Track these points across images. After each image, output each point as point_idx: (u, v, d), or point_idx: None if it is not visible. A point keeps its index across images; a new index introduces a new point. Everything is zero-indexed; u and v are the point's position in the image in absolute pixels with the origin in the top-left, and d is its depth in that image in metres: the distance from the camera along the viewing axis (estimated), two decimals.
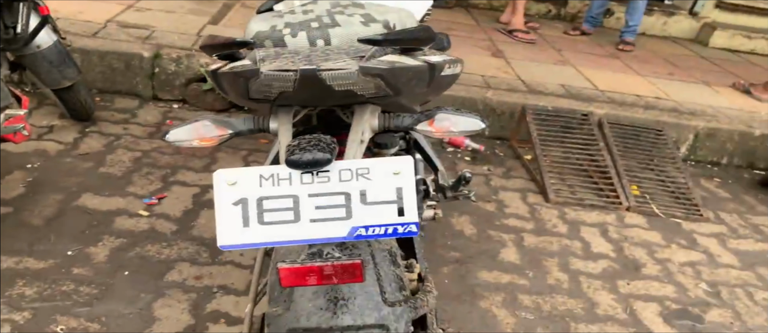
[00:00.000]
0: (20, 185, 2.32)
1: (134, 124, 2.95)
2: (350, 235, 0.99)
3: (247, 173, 1.00)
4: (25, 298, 1.81)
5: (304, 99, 1.13)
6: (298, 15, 1.29)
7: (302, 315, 1.05)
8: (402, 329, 1.07)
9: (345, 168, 1.00)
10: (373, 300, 1.07)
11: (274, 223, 0.99)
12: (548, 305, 2.17)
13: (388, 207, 0.99)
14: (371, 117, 1.18)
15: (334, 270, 1.00)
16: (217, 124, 1.17)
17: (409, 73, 1.10)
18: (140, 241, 2.13)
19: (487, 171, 3.13)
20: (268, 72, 1.05)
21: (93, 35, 3.20)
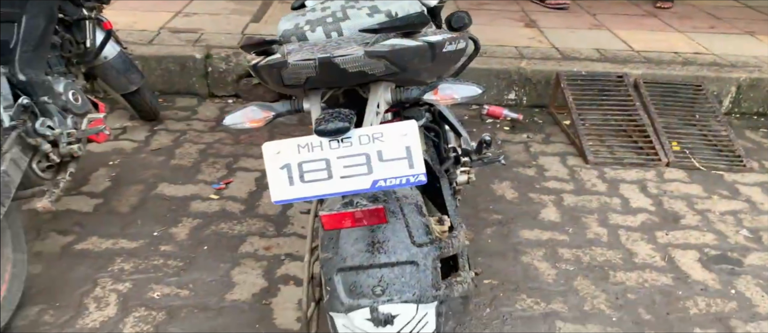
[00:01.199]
0: (106, 179, 2.67)
1: (196, 120, 3.27)
2: (372, 186, 1.22)
3: (287, 144, 1.24)
4: (124, 272, 2.13)
5: (327, 82, 1.36)
6: (317, 12, 1.51)
7: (347, 257, 1.29)
8: (429, 265, 1.29)
9: (363, 134, 1.24)
10: (404, 242, 1.29)
11: (312, 181, 1.23)
12: (587, 257, 2.32)
13: (400, 162, 1.22)
14: (384, 92, 1.40)
15: (363, 214, 1.25)
16: (262, 108, 1.43)
17: (409, 52, 1.31)
18: (214, 220, 2.44)
19: (527, 138, 3.28)
20: (294, 62, 1.29)
21: (149, 43, 3.53)
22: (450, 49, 1.42)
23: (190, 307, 1.98)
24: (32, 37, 2.06)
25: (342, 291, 1.28)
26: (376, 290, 1.27)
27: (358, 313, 1.27)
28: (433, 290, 1.29)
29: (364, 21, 1.45)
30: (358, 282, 1.28)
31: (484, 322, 1.97)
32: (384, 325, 1.26)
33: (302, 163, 1.23)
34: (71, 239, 2.28)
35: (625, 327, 1.98)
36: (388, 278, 1.27)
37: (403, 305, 1.26)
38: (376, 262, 1.28)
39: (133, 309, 1.96)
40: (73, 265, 2.15)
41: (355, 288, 1.28)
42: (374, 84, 1.39)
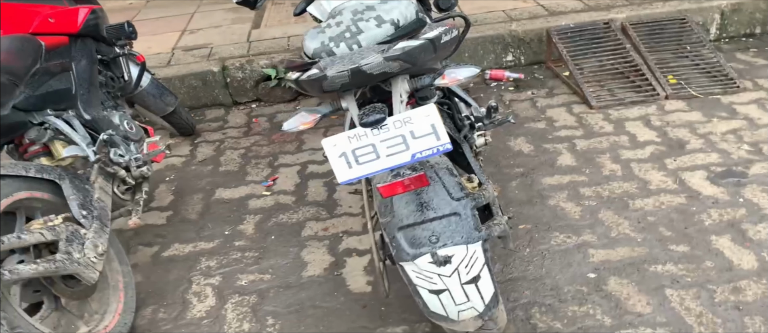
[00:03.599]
0: (169, 194, 2.99)
1: (229, 128, 3.57)
2: (412, 159, 1.54)
3: (340, 137, 1.56)
4: (211, 268, 2.44)
5: (357, 84, 1.67)
6: (334, 28, 1.79)
7: (403, 217, 1.61)
8: (469, 213, 1.61)
9: (396, 120, 1.56)
10: (445, 199, 1.62)
11: (365, 162, 1.54)
12: (607, 192, 2.60)
13: (429, 137, 1.54)
14: (402, 83, 1.72)
15: (410, 181, 1.57)
16: (310, 112, 1.75)
17: (417, 50, 1.61)
18: (273, 213, 2.74)
19: (532, 95, 3.55)
20: (332, 74, 1.59)
21: (168, 64, 3.80)
22: (446, 39, 1.71)
23: (276, 287, 2.29)
24: (84, 80, 2.34)
25: (405, 244, 1.59)
26: (431, 239, 1.58)
27: (422, 259, 1.58)
28: (476, 232, 1.60)
29: (375, 31, 1.75)
30: (416, 235, 1.59)
31: (527, 260, 2.26)
32: (444, 265, 1.57)
33: (355, 150, 1.55)
34: (157, 249, 2.60)
35: (649, 245, 2.26)
36: (438, 229, 1.59)
37: (455, 247, 1.57)
38: (427, 218, 1.60)
39: (228, 297, 2.28)
40: (166, 270, 2.46)
41: (414, 240, 1.59)
42: (393, 79, 1.71)
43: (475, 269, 1.59)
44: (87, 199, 2.00)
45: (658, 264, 2.17)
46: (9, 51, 2.01)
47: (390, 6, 1.80)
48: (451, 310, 1.62)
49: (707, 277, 2.09)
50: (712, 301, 1.98)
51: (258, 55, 3.84)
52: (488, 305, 1.63)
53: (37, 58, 2.12)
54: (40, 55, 2.14)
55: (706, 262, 2.15)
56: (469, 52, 3.82)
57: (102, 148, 2.18)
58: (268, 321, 2.15)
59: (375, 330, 2.04)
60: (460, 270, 1.58)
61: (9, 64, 1.96)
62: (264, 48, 3.97)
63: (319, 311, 2.16)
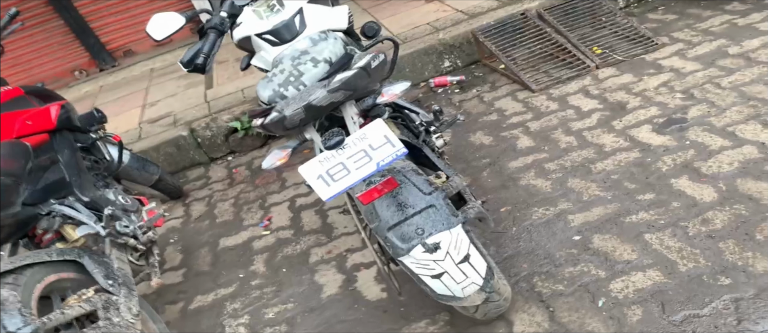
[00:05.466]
0: (177, 253, 2.98)
1: (213, 183, 3.57)
2: (378, 167, 1.68)
3: (313, 162, 1.71)
4: (237, 310, 2.47)
5: (313, 116, 1.82)
6: (279, 76, 1.91)
7: (388, 218, 1.74)
8: (442, 203, 1.75)
9: (353, 139, 1.72)
10: (418, 196, 1.76)
11: (340, 178, 1.69)
12: (569, 162, 2.72)
13: (385, 146, 1.71)
14: (351, 107, 1.89)
15: (382, 185, 1.76)
16: (282, 148, 1.89)
17: (352, 78, 1.77)
18: (277, 249, 2.77)
19: (477, 92, 3.68)
20: (290, 113, 1.74)
21: (139, 138, 3.76)
22: (376, 63, 1.85)
23: (301, 313, 2.33)
24: (73, 167, 2.34)
25: (397, 241, 1.71)
26: (418, 232, 1.70)
27: (415, 250, 1.69)
28: (453, 217, 1.73)
29: (313, 71, 1.90)
30: (404, 232, 1.72)
31: (516, 237, 2.36)
32: (435, 251, 1.69)
33: (328, 170, 1.70)
34: (182, 304, 2.60)
35: (619, 200, 2.38)
36: (420, 222, 1.72)
37: (439, 234, 1.70)
38: (408, 214, 1.73)
39: (261, 332, 2.30)
40: (197, 321, 2.47)
41: (404, 236, 1.71)
42: (343, 106, 1.88)
43: (463, 249, 1.71)
44: (109, 270, 2.03)
45: (631, 215, 2.29)
46: (5, 156, 2.02)
47: (320, 47, 1.94)
48: (455, 289, 1.72)
49: (677, 216, 2.22)
50: (687, 236, 2.11)
51: (219, 112, 3.85)
52: (486, 278, 1.74)
53: (28, 157, 2.13)
54: (30, 154, 2.14)
55: (672, 203, 2.29)
56: (409, 67, 3.92)
57: (109, 222, 2.18)
58: None
59: (401, 330, 2.09)
60: (450, 252, 1.69)
61: (8, 167, 1.99)
62: (223, 104, 3.98)
63: (345, 325, 2.21)
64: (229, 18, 2.07)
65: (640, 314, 1.88)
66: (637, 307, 1.91)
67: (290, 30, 2.01)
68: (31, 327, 1.65)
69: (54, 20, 5.21)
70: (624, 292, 1.98)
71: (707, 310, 1.83)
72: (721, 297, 1.85)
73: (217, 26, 2.03)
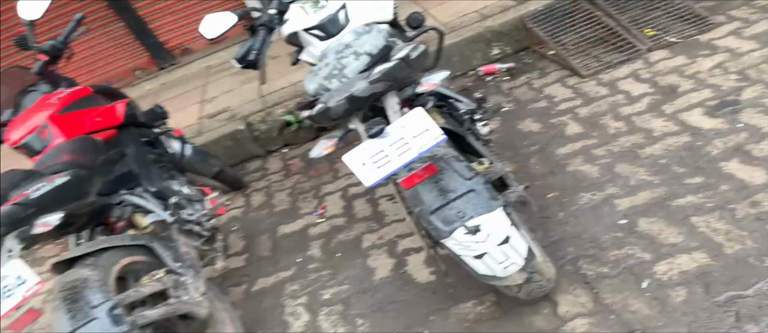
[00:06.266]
0: (239, 240, 3.24)
1: (270, 175, 3.82)
2: (418, 154, 1.79)
3: (357, 151, 1.83)
4: (296, 291, 2.71)
5: (355, 107, 1.95)
6: (324, 70, 2.06)
7: (430, 203, 1.86)
8: (482, 188, 1.86)
9: (394, 127, 1.82)
10: (458, 181, 1.87)
11: (382, 165, 1.81)
12: (617, 147, 2.76)
13: (425, 133, 1.81)
14: (392, 98, 2.00)
15: (423, 171, 1.86)
16: (329, 138, 2.04)
17: (393, 70, 1.91)
18: (332, 235, 2.98)
19: (526, 79, 3.73)
20: (333, 105, 1.89)
21: (199, 133, 4.04)
22: (416, 54, 1.97)
23: (355, 294, 2.53)
24: (140, 160, 2.60)
25: (440, 224, 1.83)
26: (459, 215, 1.82)
27: (456, 232, 1.81)
28: (494, 201, 1.84)
29: (355, 64, 2.04)
30: (446, 215, 1.84)
31: (562, 222, 2.46)
32: (476, 233, 1.80)
33: (371, 157, 1.82)
34: (246, 286, 2.85)
35: (667, 184, 2.43)
36: (461, 205, 1.83)
37: (480, 217, 1.81)
38: (450, 199, 1.85)
39: (318, 310, 2.53)
40: (259, 301, 2.72)
41: (446, 219, 1.83)
42: (384, 97, 1.99)
43: (503, 231, 1.82)
44: (177, 254, 2.26)
45: (679, 198, 2.34)
46: (79, 150, 2.28)
47: (363, 40, 2.07)
48: (497, 269, 1.85)
49: (725, 198, 2.25)
50: (735, 218, 2.15)
51: (273, 106, 4.08)
52: (527, 258, 1.86)
53: (100, 151, 2.38)
54: (101, 148, 2.41)
55: (721, 186, 2.32)
56: (457, 56, 3.98)
57: (175, 210, 2.43)
58: (358, 322, 2.39)
59: (449, 310, 2.25)
60: (491, 234, 1.81)
61: (82, 160, 2.23)
62: (276, 98, 4.20)
63: (397, 305, 2.38)
64: (278, 15, 2.23)
65: (684, 295, 1.96)
66: (681, 288, 1.99)
67: (335, 24, 2.17)
68: (111, 302, 1.89)
69: (115, 22, 5.57)
70: (668, 274, 2.05)
71: (752, 291, 1.89)
72: (766, 278, 1.90)
73: (266, 23, 2.20)
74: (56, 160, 2.17)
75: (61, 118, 2.41)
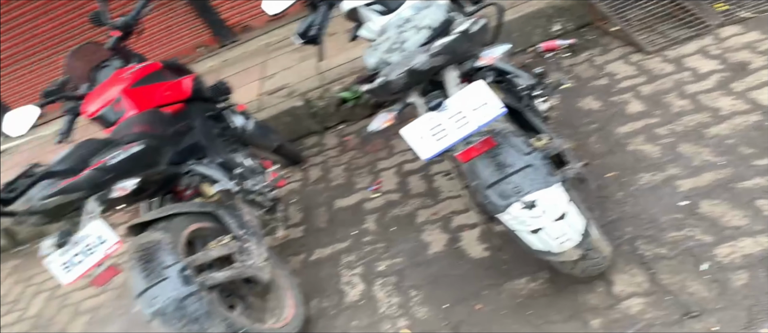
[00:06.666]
0: (298, 212, 3.40)
1: (327, 150, 3.95)
2: (477, 127, 1.81)
3: (414, 124, 1.87)
4: (352, 262, 2.83)
5: (415, 81, 1.98)
6: (384, 44, 2.09)
7: (487, 177, 1.89)
8: (540, 163, 1.87)
9: (453, 100, 1.84)
10: (516, 156, 1.89)
11: (440, 138, 1.84)
12: (680, 127, 2.70)
13: (484, 107, 1.83)
14: (451, 71, 2.02)
15: (480, 144, 1.88)
16: (388, 111, 2.08)
17: (452, 43, 1.91)
18: (386, 210, 3.07)
19: (588, 56, 3.67)
20: (393, 78, 1.91)
21: (260, 109, 4.20)
22: (476, 28, 1.98)
23: (409, 266, 2.62)
24: (206, 133, 2.75)
25: (496, 199, 1.87)
26: (515, 190, 1.84)
27: (513, 207, 1.84)
28: (551, 177, 1.85)
29: (415, 38, 2.07)
30: (502, 190, 1.86)
31: (621, 202, 2.45)
32: (532, 208, 1.82)
33: (428, 130, 1.85)
34: (304, 256, 3.00)
35: (733, 165, 2.37)
36: (518, 180, 1.85)
37: (536, 192, 1.83)
38: (506, 173, 1.87)
39: (373, 281, 2.64)
40: (317, 270, 2.86)
41: (502, 194, 1.86)
42: (444, 71, 2.01)
43: (560, 207, 1.84)
44: (241, 221, 2.41)
45: (745, 180, 2.28)
46: (151, 122, 2.44)
47: (422, 15, 2.10)
48: (552, 245, 1.88)
49: None
50: None
51: (331, 83, 4.18)
52: (583, 235, 1.88)
53: (168, 123, 2.54)
54: (170, 120, 2.56)
55: None
56: (517, 32, 3.95)
57: (239, 180, 2.58)
58: (412, 293, 2.48)
59: (502, 285, 2.30)
60: (547, 210, 1.83)
61: (153, 131, 2.39)
62: (334, 75, 4.29)
63: (450, 278, 2.45)
64: None
65: (745, 279, 1.94)
66: (743, 272, 1.96)
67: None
68: (181, 263, 2.05)
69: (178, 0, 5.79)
70: (730, 257, 2.03)
71: None
72: None
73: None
74: (130, 131, 2.34)
75: (134, 91, 2.58)
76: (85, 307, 3.46)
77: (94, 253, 2.00)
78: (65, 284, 2.02)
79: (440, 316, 2.32)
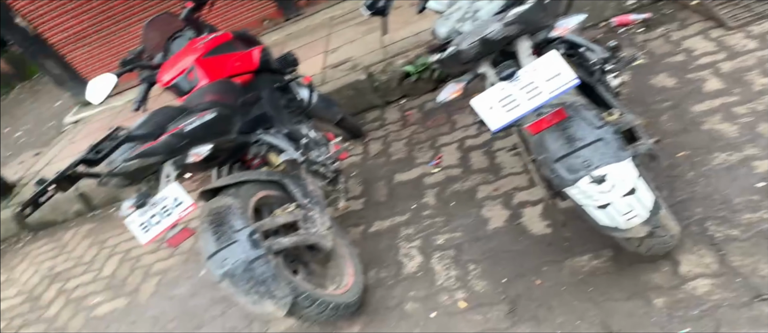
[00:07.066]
0: (358, 185, 3.49)
1: (388, 124, 4.02)
2: (549, 98, 1.80)
3: (485, 95, 1.87)
4: (410, 235, 2.89)
5: (487, 50, 1.97)
6: (456, 13, 2.10)
7: (555, 151, 1.88)
8: (611, 137, 1.84)
9: (526, 70, 1.84)
10: (587, 129, 1.86)
11: (510, 109, 1.85)
12: (762, 105, 2.60)
13: (557, 78, 1.81)
14: (524, 42, 2.00)
15: (551, 116, 1.85)
16: (457, 82, 2.07)
17: (527, 12, 1.90)
18: (446, 185, 3.11)
19: (664, 31, 3.56)
20: (465, 47, 1.91)
21: (323, 82, 4.29)
22: None
23: (468, 241, 2.66)
24: (273, 104, 2.86)
25: (564, 173, 1.86)
26: (585, 164, 1.82)
27: (581, 181, 1.83)
28: (622, 152, 1.83)
29: (489, 7, 2.07)
30: (571, 163, 1.85)
31: (692, 182, 2.39)
32: (601, 182, 1.81)
33: (499, 101, 1.86)
34: (363, 227, 3.09)
35: None
36: (588, 154, 1.83)
37: (607, 167, 1.81)
38: (576, 147, 1.85)
39: (431, 254, 2.69)
40: (376, 242, 2.94)
41: (571, 168, 1.84)
42: (516, 40, 2.00)
43: (629, 183, 1.82)
44: (305, 191, 2.51)
45: None
46: (222, 91, 2.56)
47: None
48: (619, 221, 1.86)
49: None
50: None
51: (394, 57, 4.22)
52: (652, 212, 1.85)
53: (239, 93, 2.65)
54: (240, 91, 2.68)
55: None
56: (589, 5, 3.86)
57: (304, 151, 2.68)
58: (470, 267, 2.52)
59: (563, 262, 2.31)
60: (616, 185, 1.81)
61: (224, 100, 2.51)
62: (397, 49, 4.34)
63: (510, 254, 2.48)
64: None
65: None
66: None
67: None
68: (250, 228, 2.16)
69: None
70: None
71: None
72: None
73: None
74: (202, 100, 2.47)
75: (206, 61, 2.72)
76: (156, 269, 3.68)
77: (171, 214, 2.13)
78: (143, 243, 2.17)
79: (499, 290, 2.35)
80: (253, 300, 2.09)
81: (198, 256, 3.55)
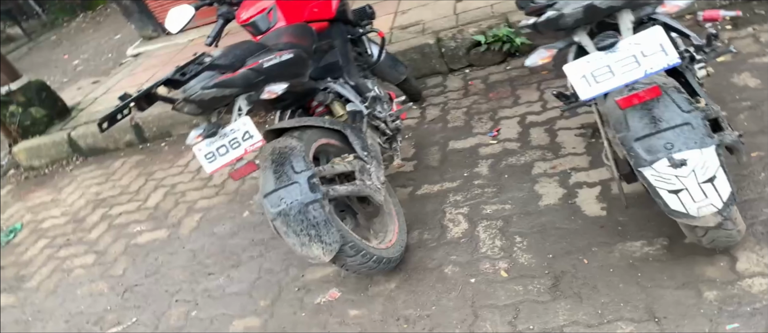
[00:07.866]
0: (411, 147, 3.56)
1: (449, 92, 4.07)
2: (645, 74, 1.82)
3: (580, 62, 1.89)
4: (458, 201, 2.95)
5: (589, 19, 1.96)
6: None
7: (638, 130, 1.89)
8: (699, 123, 1.84)
9: (627, 42, 1.84)
10: (675, 112, 1.87)
11: (603, 80, 1.86)
12: None
13: (658, 54, 1.81)
14: (627, 14, 1.97)
15: (645, 92, 1.86)
16: (547, 48, 2.05)
17: None
18: (502, 157, 3.15)
19: (753, 30, 3.46)
20: (569, 12, 1.92)
21: (389, 42, 4.35)
22: None
23: (517, 214, 2.69)
24: (344, 54, 2.96)
25: (643, 152, 1.87)
26: (666, 146, 1.83)
27: (659, 163, 1.84)
28: (708, 138, 1.83)
29: None
30: (651, 144, 1.86)
31: (762, 183, 2.36)
32: (680, 167, 1.82)
33: (592, 71, 1.87)
34: (411, 189, 3.17)
35: None
36: (671, 137, 1.84)
37: (689, 151, 1.82)
38: (661, 128, 1.86)
39: (477, 222, 2.74)
40: (423, 204, 3.01)
41: (650, 148, 1.86)
42: (619, 12, 1.97)
43: (710, 170, 1.82)
44: (365, 144, 2.58)
45: None
46: (299, 34, 2.65)
47: None
48: (690, 207, 1.86)
49: None
50: None
51: (466, 25, 4.24)
52: (726, 202, 1.84)
53: (314, 39, 2.74)
54: (315, 36, 2.76)
55: None
56: None
57: (370, 104, 2.76)
58: (517, 239, 2.56)
59: (614, 245, 2.32)
60: (696, 170, 1.81)
61: (300, 43, 2.59)
62: (470, 18, 4.36)
63: (559, 231, 2.50)
64: None
65: None
66: None
67: None
68: (310, 171, 2.25)
69: None
70: None
71: None
72: None
73: None
74: (279, 40, 2.56)
75: (286, 3, 2.82)
76: (199, 206, 3.85)
77: (238, 147, 2.24)
78: (209, 172, 2.29)
79: (544, 264, 2.38)
80: (301, 242, 2.18)
81: (242, 198, 3.70)
